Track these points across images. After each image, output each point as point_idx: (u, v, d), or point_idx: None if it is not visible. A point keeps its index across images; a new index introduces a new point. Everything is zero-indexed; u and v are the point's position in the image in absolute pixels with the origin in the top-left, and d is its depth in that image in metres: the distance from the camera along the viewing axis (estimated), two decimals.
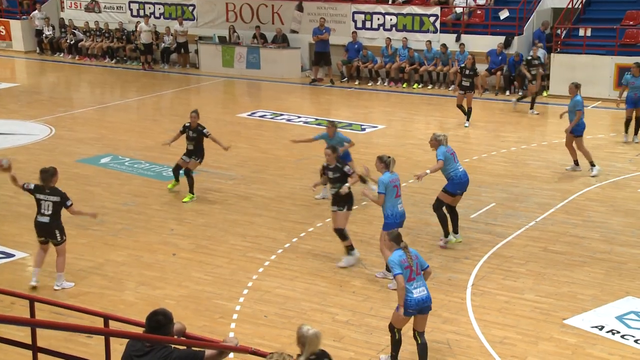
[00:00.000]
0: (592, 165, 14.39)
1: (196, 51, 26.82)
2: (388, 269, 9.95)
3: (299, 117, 19.74)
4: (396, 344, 8.09)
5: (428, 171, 10.88)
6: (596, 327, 8.87)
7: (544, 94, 21.47)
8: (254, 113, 20.28)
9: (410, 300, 7.77)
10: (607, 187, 13.78)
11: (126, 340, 5.57)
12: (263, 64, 25.34)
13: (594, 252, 10.97)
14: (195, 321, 8.93)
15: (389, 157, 10.04)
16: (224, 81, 25.10)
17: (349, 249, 10.67)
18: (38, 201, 10.02)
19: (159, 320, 5.40)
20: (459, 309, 9.36)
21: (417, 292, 7.80)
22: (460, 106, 18.25)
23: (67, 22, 29.80)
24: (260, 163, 15.57)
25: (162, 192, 13.87)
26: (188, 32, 26.90)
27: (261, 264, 10.76)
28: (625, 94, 16.88)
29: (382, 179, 9.88)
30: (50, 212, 9.94)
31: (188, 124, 13.52)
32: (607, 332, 8.76)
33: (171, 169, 13.92)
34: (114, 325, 6.48)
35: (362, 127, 18.63)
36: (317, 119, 19.50)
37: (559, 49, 21.72)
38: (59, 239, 10.06)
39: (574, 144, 14.50)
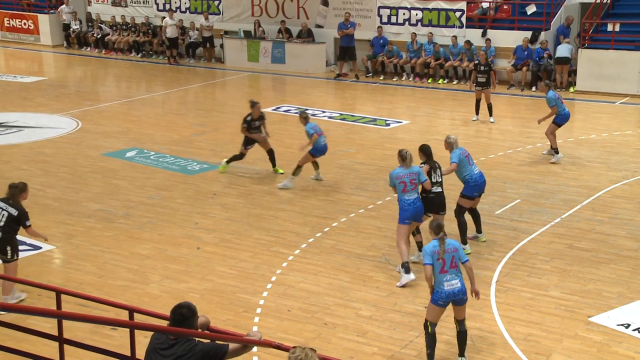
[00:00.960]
0: (556, 152, 14.83)
1: (221, 45, 26.91)
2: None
3: (324, 112, 19.74)
4: (428, 338, 7.95)
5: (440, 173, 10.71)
6: (622, 325, 8.79)
7: (571, 89, 21.27)
8: (278, 107, 20.31)
9: (441, 292, 7.78)
10: (635, 184, 13.62)
11: (151, 333, 5.62)
12: (288, 58, 25.36)
13: (620, 250, 10.86)
14: (219, 315, 8.98)
15: (406, 151, 10.25)
16: (249, 75, 25.16)
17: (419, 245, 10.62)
18: None
19: (184, 314, 5.44)
20: (483, 306, 9.32)
21: (448, 285, 7.77)
22: (478, 101, 18.10)
23: (94, 17, 30.07)
24: (285, 158, 15.57)
25: (187, 186, 13.95)
26: (214, 26, 26.99)
27: (285, 259, 10.79)
28: None
29: (391, 173, 10.19)
30: (2, 223, 9.18)
31: (249, 117, 14.00)
32: (634, 330, 8.67)
33: (233, 157, 14.40)
34: (138, 317, 6.53)
35: (387, 122, 18.58)
36: (341, 114, 19.48)
37: (586, 44, 21.49)
38: (9, 257, 9.28)
39: (548, 127, 14.87)
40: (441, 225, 8.05)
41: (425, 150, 10.60)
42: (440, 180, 10.48)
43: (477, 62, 18.10)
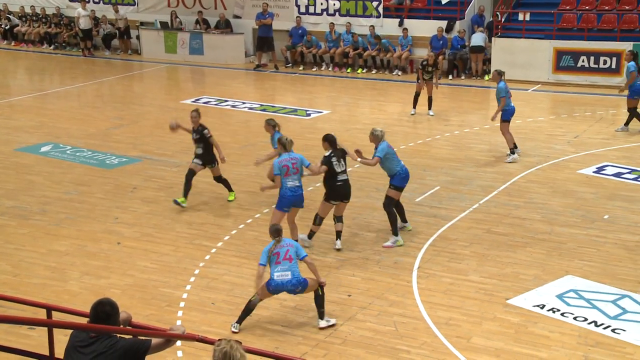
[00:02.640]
0: (512, 152, 14.43)
1: (138, 37, 26.39)
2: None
3: (244, 103, 19.63)
4: (247, 306, 8.60)
5: (359, 159, 10.97)
6: (538, 306, 9.09)
7: (486, 77, 21.78)
8: (198, 99, 20.08)
9: (272, 281, 8.44)
10: (548, 169, 14.08)
11: (70, 331, 5.48)
12: (206, 49, 25.09)
13: (536, 233, 11.21)
14: (141, 310, 8.84)
15: (287, 138, 10.65)
16: (167, 67, 24.77)
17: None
18: None
19: (106, 311, 5.32)
20: (405, 292, 9.47)
21: (278, 276, 8.42)
22: (418, 94, 17.98)
23: (1, 7, 28.98)
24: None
25: (106, 180, 13.65)
26: (128, 17, 26.44)
27: (208, 251, 10.70)
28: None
29: (275, 160, 10.50)
30: None
31: (192, 127, 12.28)
32: (548, 310, 8.97)
33: (184, 180, 12.29)
34: (57, 316, 6.35)
35: (307, 112, 18.63)
36: (261, 105, 19.42)
37: (499, 34, 22.04)
38: None
39: (501, 127, 14.66)
40: (280, 230, 8.70)
41: (329, 139, 10.70)
42: (344, 169, 10.64)
43: (424, 62, 17.75)
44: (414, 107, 18.03)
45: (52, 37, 27.64)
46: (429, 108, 18.00)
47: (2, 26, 28.46)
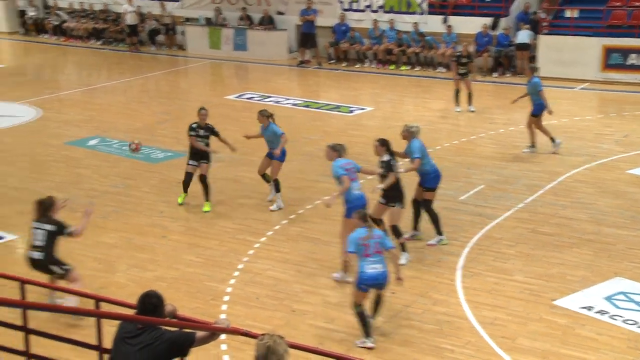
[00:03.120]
0: (553, 140, 14.63)
1: (183, 33, 26.64)
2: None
3: (287, 99, 19.68)
4: (360, 317, 8.16)
5: (402, 170, 10.25)
6: (585, 307, 8.94)
7: None
8: (241, 95, 20.19)
9: (364, 274, 8.05)
10: (596, 169, 13.84)
11: (117, 322, 5.55)
12: (250, 45, 25.20)
13: (583, 234, 11.03)
14: (187, 303, 8.92)
15: (340, 144, 9.98)
16: (212, 63, 24.95)
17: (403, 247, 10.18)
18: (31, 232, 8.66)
19: (153, 303, 5.39)
20: (449, 291, 9.40)
21: (370, 269, 8.05)
22: (458, 91, 17.92)
23: (50, 3, 29.49)
24: (249, 145, 15.45)
25: (151, 175, 13.81)
26: (173, 13, 26.68)
27: (251, 246, 10.75)
28: None
29: (335, 163, 9.70)
30: (43, 243, 8.55)
31: (196, 124, 12.07)
32: (596, 312, 8.82)
33: (181, 181, 12.28)
34: (105, 307, 6.45)
35: (350, 109, 18.60)
36: (305, 101, 19.45)
37: (546, 31, 21.71)
38: (61, 271, 8.67)
39: (533, 126, 14.67)
40: (366, 214, 8.45)
41: (386, 144, 10.04)
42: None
43: (458, 54, 17.86)
44: (457, 104, 17.87)
45: (100, 33, 28.05)
46: (469, 104, 17.85)
47: (52, 22, 28.96)
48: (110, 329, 7.18)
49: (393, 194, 9.99)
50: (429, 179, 10.61)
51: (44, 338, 6.75)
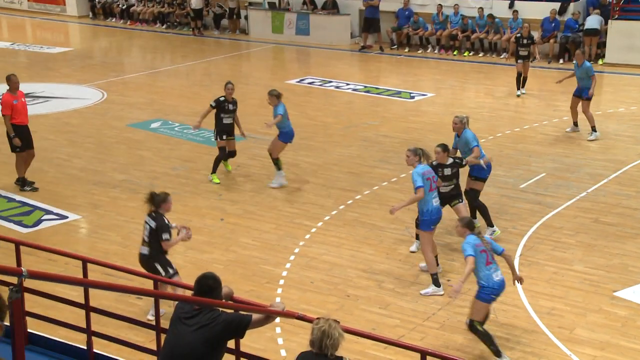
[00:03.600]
0: (594, 130, 14.49)
1: (246, 17, 26.81)
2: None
3: (348, 84, 19.64)
4: (485, 336, 7.64)
5: (468, 159, 10.08)
6: None
7: (600, 62, 20.93)
8: (302, 80, 20.24)
9: (493, 284, 7.59)
10: None
11: (176, 303, 5.67)
12: (312, 30, 25.21)
13: None
14: (242, 285, 9.04)
15: (421, 149, 9.25)
16: (274, 47, 25.06)
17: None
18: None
19: (210, 284, 5.47)
20: (506, 279, 9.26)
21: (497, 276, 7.64)
22: (520, 74, 17.61)
23: None
24: (309, 130, 15.56)
25: (211, 158, 13.93)
26: None
27: (308, 231, 10.82)
28: None
29: (417, 170, 9.04)
30: (148, 238, 8.27)
31: (223, 98, 12.47)
32: None
33: (216, 159, 12.66)
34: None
35: (411, 94, 18.46)
36: (365, 87, 19.38)
37: (616, 16, 21.09)
38: (163, 272, 8.20)
39: (579, 107, 14.58)
40: (472, 222, 7.97)
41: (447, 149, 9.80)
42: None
43: (519, 35, 17.74)
44: (518, 88, 17.61)
45: (165, 17, 28.46)
46: (522, 87, 17.53)
47: (120, 6, 29.53)
48: (167, 309, 7.37)
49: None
50: (478, 168, 10.36)
51: (104, 316, 6.96)
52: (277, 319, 7.78)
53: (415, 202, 9.09)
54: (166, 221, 8.27)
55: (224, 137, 12.65)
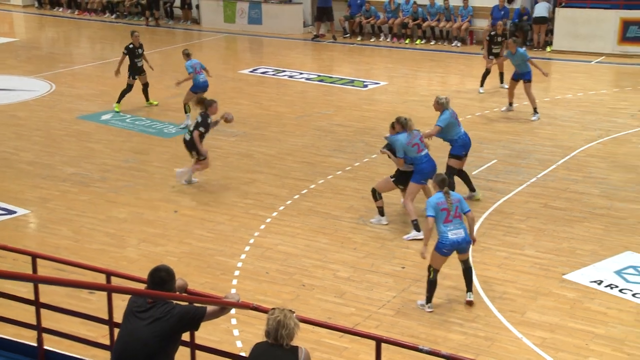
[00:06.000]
0: (535, 111, 15.09)
1: (197, 6, 26.55)
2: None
3: (301, 73, 19.62)
4: (430, 284, 8.37)
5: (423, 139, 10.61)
6: (595, 281, 8.94)
7: (548, 49, 21.27)
8: (255, 69, 20.16)
9: (445, 240, 8.20)
10: (609, 143, 13.75)
11: (128, 297, 5.62)
12: (265, 19, 25.10)
13: (594, 208, 11.00)
14: (197, 278, 9.00)
15: (406, 118, 10.31)
16: (226, 37, 24.89)
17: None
18: None
19: (162, 277, 5.44)
20: (458, 265, 9.36)
21: (452, 234, 8.18)
22: (488, 72, 17.40)
23: None
24: (262, 120, 15.53)
25: (164, 149, 13.86)
26: None
27: (263, 221, 10.80)
28: None
29: (400, 140, 10.16)
30: (191, 129, 11.66)
31: (132, 45, 15.88)
32: (606, 286, 8.82)
33: (123, 91, 15.98)
34: (116, 281, 6.53)
35: (364, 83, 18.52)
36: (319, 76, 19.39)
37: (563, 3, 21.45)
38: (198, 156, 11.74)
39: (521, 89, 15.20)
40: (445, 179, 8.46)
41: (403, 123, 10.35)
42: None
43: (493, 32, 17.48)
44: (482, 85, 17.30)
45: (114, 6, 28.01)
46: (502, 82, 17.44)
47: None
48: (120, 303, 7.27)
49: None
50: (455, 147, 11.02)
51: (56, 312, 6.86)
52: (233, 310, 7.78)
53: (399, 164, 10.29)
54: (208, 120, 11.50)
55: (136, 77, 16.03)
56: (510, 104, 15.66)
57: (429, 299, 8.42)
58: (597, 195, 11.46)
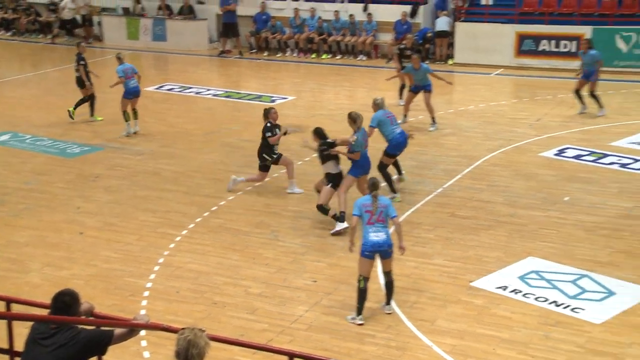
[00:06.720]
0: (434, 121, 15.58)
1: (99, 23, 26.02)
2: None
3: (208, 89, 19.49)
4: (360, 293, 8.39)
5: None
6: (500, 287, 9.19)
7: (450, 62, 21.87)
8: (161, 86, 19.89)
9: (367, 242, 8.32)
10: (510, 152, 14.22)
11: (31, 324, 5.42)
12: (169, 36, 24.84)
13: (498, 216, 11.33)
14: (104, 300, 8.76)
15: (356, 113, 10.96)
16: (130, 54, 24.40)
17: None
18: None
19: (66, 301, 5.28)
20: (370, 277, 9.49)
21: (374, 235, 8.30)
22: (404, 86, 17.71)
23: None
24: (169, 137, 15.32)
25: (67, 170, 13.47)
26: (90, 3, 26.02)
27: (172, 240, 10.63)
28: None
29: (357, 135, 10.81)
30: (262, 137, 12.15)
31: (82, 54, 16.64)
32: (510, 292, 9.09)
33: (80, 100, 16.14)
34: (17, 308, 6.27)
35: (272, 98, 18.55)
36: (226, 92, 19.30)
37: (462, 18, 22.13)
38: (270, 159, 12.16)
39: (425, 99, 15.59)
40: (375, 183, 8.58)
41: (319, 133, 11.14)
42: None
43: (403, 46, 17.67)
44: (401, 97, 17.43)
45: (10, 23, 27.08)
46: (401, 97, 17.70)
47: None
48: (23, 330, 6.99)
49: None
50: (390, 146, 11.91)
51: None
52: (143, 332, 7.60)
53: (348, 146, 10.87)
54: (269, 125, 12.05)
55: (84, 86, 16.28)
56: (405, 115, 15.99)
57: (359, 311, 8.41)
58: (500, 203, 11.82)
